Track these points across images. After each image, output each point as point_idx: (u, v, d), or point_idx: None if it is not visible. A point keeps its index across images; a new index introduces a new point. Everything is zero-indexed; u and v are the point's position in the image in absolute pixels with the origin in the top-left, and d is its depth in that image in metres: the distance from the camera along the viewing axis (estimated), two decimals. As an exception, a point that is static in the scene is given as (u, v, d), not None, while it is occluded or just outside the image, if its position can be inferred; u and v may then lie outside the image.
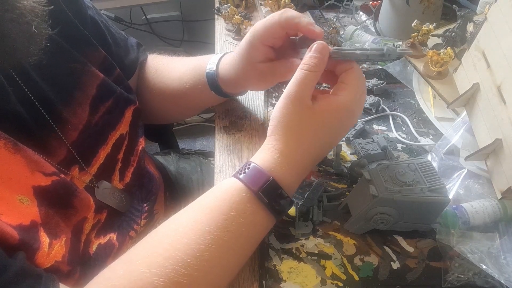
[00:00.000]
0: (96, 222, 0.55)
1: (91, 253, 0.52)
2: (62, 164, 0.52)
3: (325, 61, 0.48)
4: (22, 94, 0.48)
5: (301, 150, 0.47)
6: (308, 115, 0.46)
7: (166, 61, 0.73)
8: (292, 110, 0.47)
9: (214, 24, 1.00)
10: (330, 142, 0.50)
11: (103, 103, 0.59)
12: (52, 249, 0.44)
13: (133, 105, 0.64)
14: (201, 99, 0.69)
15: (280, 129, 0.47)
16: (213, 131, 0.71)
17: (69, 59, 0.55)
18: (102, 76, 0.59)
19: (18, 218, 0.42)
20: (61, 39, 0.54)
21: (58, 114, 0.52)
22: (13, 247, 0.40)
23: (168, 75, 0.71)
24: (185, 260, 0.40)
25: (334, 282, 0.47)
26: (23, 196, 0.44)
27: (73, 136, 0.54)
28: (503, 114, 0.49)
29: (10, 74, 0.48)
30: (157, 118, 0.79)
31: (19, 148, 0.45)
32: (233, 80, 0.62)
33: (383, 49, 0.48)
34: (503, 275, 0.44)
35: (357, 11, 0.95)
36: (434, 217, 0.49)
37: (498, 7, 0.53)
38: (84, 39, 0.58)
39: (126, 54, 0.70)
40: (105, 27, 0.66)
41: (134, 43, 0.74)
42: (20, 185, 0.44)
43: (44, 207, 0.45)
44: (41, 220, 0.44)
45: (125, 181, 0.62)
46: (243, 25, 0.92)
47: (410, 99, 0.71)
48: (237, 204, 0.44)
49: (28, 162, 0.45)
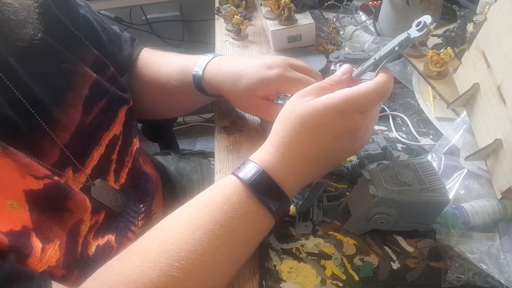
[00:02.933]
0: (93, 223, 0.54)
1: (90, 255, 0.52)
2: (56, 166, 0.51)
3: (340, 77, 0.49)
4: (12, 96, 0.48)
5: (295, 145, 0.46)
6: (301, 111, 0.46)
7: (157, 55, 0.74)
8: (290, 104, 0.48)
9: (214, 24, 1.00)
10: (329, 143, 0.47)
11: (97, 103, 0.58)
12: (45, 253, 0.44)
13: (126, 104, 0.64)
14: (189, 98, 0.70)
15: (277, 123, 0.49)
16: (213, 131, 0.71)
17: (59, 60, 0.54)
18: (95, 76, 0.58)
19: (9, 224, 0.41)
20: (52, 39, 0.53)
21: (50, 116, 0.52)
22: (2, 253, 0.39)
23: (158, 70, 0.71)
24: (179, 254, 0.40)
25: (334, 282, 0.47)
26: (14, 201, 0.43)
27: (66, 137, 0.53)
28: (503, 114, 0.49)
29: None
30: (148, 113, 0.79)
31: (9, 152, 0.44)
32: (218, 88, 0.63)
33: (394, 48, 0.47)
34: (503, 275, 0.43)
35: (357, 11, 0.94)
36: (434, 217, 0.49)
37: (498, 7, 0.53)
38: (75, 39, 0.58)
39: (120, 50, 0.71)
40: (99, 25, 0.66)
41: (128, 38, 0.75)
42: (11, 190, 0.43)
43: (36, 212, 0.45)
44: (33, 225, 0.44)
45: (120, 182, 0.62)
46: (243, 25, 0.91)
47: (410, 99, 0.71)
48: (230, 197, 0.45)
49: (18, 166, 0.45)
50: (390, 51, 0.47)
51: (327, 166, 0.50)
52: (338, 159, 0.51)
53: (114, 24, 0.76)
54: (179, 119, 1.94)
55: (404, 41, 0.45)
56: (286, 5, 0.83)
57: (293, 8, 0.84)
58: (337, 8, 0.96)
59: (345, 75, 0.50)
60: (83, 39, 0.59)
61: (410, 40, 0.45)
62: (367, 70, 0.49)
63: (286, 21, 0.84)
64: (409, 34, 0.45)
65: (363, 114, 0.46)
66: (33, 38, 0.46)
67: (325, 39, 0.89)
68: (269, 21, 0.87)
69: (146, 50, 0.76)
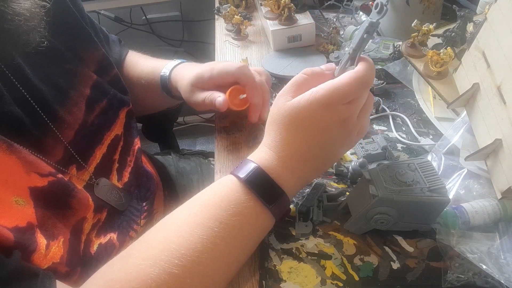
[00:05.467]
0: (96, 222, 0.55)
1: (93, 253, 0.52)
2: (61, 163, 0.52)
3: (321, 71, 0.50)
4: (18, 94, 0.49)
5: (287, 143, 0.47)
6: (287, 111, 0.46)
7: (135, 57, 0.80)
8: (275, 107, 0.48)
9: (214, 24, 1.00)
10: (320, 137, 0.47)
11: (98, 103, 0.60)
12: (49, 250, 0.44)
13: (127, 106, 0.66)
14: (157, 97, 0.75)
15: (267, 126, 0.49)
16: (213, 131, 0.71)
17: (62, 60, 0.56)
18: (95, 77, 0.60)
19: (14, 220, 0.42)
20: (57, 39, 0.55)
21: (55, 114, 0.52)
22: (8, 249, 0.40)
23: (131, 67, 0.77)
24: (179, 252, 0.41)
25: (334, 282, 0.47)
26: (19, 198, 0.43)
27: (70, 135, 0.54)
28: (503, 114, 0.49)
29: (6, 74, 0.48)
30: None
31: (14, 149, 0.45)
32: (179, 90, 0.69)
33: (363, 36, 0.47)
34: (503, 275, 0.44)
35: (357, 11, 0.95)
36: (434, 217, 0.49)
37: (498, 7, 0.53)
38: (86, 35, 0.60)
39: (109, 51, 0.73)
40: (96, 25, 0.69)
41: (116, 39, 0.78)
42: (16, 187, 0.44)
43: (41, 208, 0.45)
44: (38, 222, 0.44)
45: (124, 181, 0.63)
46: (243, 25, 0.92)
47: (410, 99, 0.71)
48: (228, 194, 0.45)
49: (23, 163, 0.45)
50: (360, 41, 0.47)
51: (325, 161, 0.50)
52: (334, 153, 0.50)
53: (114, 24, 0.78)
54: (179, 119, 1.94)
55: (369, 27, 0.45)
56: (286, 5, 0.83)
57: (293, 8, 0.84)
58: (337, 8, 0.97)
59: (328, 72, 0.50)
60: (93, 36, 0.61)
61: (375, 24, 0.45)
62: (346, 65, 0.49)
63: (286, 21, 0.84)
64: (371, 18, 0.45)
65: (349, 104, 0.46)
66: (39, 45, 0.48)
67: (325, 39, 0.89)
68: (269, 21, 0.87)
69: (131, 52, 0.81)
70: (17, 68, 0.49)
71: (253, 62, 0.86)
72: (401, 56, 0.76)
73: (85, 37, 0.61)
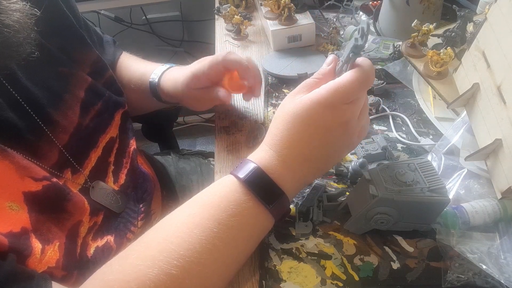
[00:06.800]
0: (92, 225, 0.54)
1: (89, 256, 0.52)
2: (55, 167, 0.52)
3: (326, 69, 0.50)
4: (12, 98, 0.48)
5: (288, 143, 0.46)
6: (290, 110, 0.47)
7: (127, 59, 0.80)
8: (280, 107, 0.48)
9: (214, 24, 1.00)
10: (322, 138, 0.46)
11: (93, 106, 0.59)
12: (44, 254, 0.44)
13: (122, 108, 0.66)
14: (146, 101, 0.75)
15: (270, 125, 0.49)
16: (213, 131, 0.71)
17: (56, 63, 0.55)
18: (90, 80, 0.60)
19: (8, 225, 0.41)
20: (50, 42, 0.55)
21: (49, 117, 0.52)
22: (2, 254, 0.39)
23: (124, 70, 0.77)
24: (178, 252, 0.41)
25: (334, 282, 0.47)
26: (13, 203, 0.43)
27: (65, 139, 0.54)
28: (503, 114, 0.49)
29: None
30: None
31: (7, 154, 0.44)
32: (173, 95, 0.69)
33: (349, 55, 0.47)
34: (503, 275, 0.44)
35: (357, 11, 0.95)
36: (434, 217, 0.49)
37: (498, 7, 0.53)
38: (79, 37, 0.60)
39: (102, 52, 0.73)
40: (90, 26, 0.69)
41: (110, 40, 0.78)
42: (10, 192, 0.43)
43: (35, 213, 0.45)
44: (32, 226, 0.44)
45: (120, 183, 0.62)
46: (243, 25, 0.92)
47: (410, 99, 0.71)
48: (227, 195, 0.45)
49: (17, 168, 0.45)
50: (347, 59, 0.47)
51: (326, 162, 0.50)
52: (336, 154, 0.50)
53: (114, 24, 0.78)
54: (179, 119, 1.94)
55: (353, 48, 0.45)
56: (286, 5, 0.83)
57: (293, 8, 0.84)
58: (337, 8, 0.96)
59: (330, 65, 0.50)
60: (86, 38, 0.61)
61: (359, 47, 0.45)
62: (342, 69, 0.49)
63: (286, 21, 0.84)
64: (356, 41, 0.45)
65: (351, 104, 0.46)
66: (30, 56, 0.47)
67: (325, 39, 0.89)
68: (269, 21, 0.87)
69: (124, 54, 0.81)
70: (9, 72, 0.49)
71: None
72: (401, 56, 0.76)
73: (79, 39, 0.60)
